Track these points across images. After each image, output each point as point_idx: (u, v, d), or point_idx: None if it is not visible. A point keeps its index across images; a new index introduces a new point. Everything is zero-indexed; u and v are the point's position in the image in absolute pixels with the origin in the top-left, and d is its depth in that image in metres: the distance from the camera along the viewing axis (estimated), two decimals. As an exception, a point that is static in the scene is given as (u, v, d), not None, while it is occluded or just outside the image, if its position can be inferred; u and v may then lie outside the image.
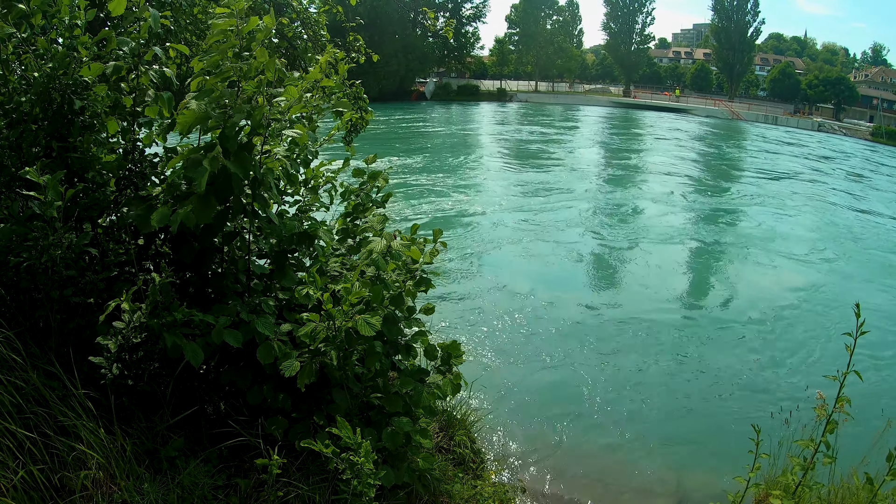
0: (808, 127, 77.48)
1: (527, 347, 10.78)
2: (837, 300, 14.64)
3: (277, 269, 4.22)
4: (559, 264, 15.92)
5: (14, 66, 3.77)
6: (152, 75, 3.85)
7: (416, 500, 4.35)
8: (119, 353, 3.39)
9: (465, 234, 18.30)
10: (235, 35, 3.43)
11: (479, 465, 5.90)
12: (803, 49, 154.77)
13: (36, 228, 3.33)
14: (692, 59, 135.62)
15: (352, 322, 3.57)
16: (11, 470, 2.88)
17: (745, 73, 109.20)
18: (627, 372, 10.11)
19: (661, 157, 40.47)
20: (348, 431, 3.24)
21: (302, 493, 3.60)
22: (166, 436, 3.67)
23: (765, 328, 12.55)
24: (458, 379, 4.56)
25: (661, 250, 17.84)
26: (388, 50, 72.44)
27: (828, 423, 4.40)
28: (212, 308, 3.61)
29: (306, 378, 3.51)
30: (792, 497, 4.52)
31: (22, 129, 3.62)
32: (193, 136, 3.82)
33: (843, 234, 22.51)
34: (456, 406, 6.46)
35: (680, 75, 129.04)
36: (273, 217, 3.99)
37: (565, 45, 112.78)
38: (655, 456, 7.75)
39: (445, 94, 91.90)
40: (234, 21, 3.41)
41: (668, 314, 12.94)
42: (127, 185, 4.04)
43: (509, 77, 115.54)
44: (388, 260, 3.86)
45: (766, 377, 10.26)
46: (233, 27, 3.41)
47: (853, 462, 5.09)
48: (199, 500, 3.38)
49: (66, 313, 3.61)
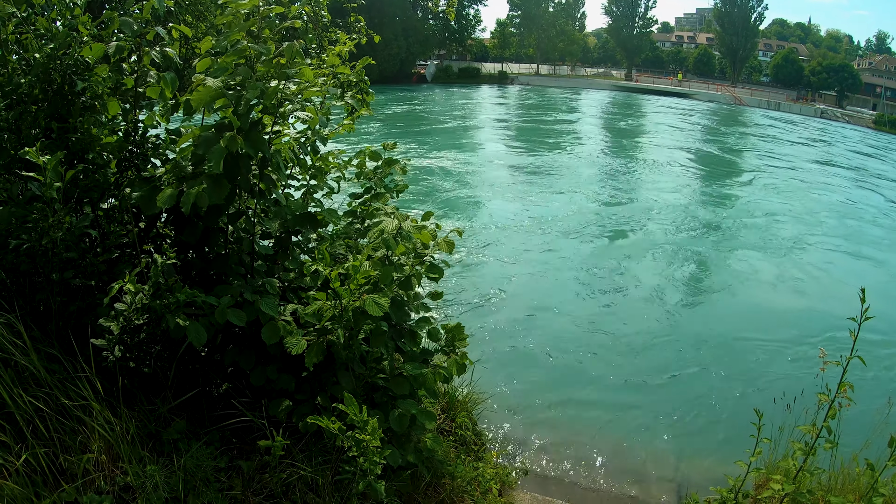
0: (810, 114, 77.15)
1: (528, 331, 10.77)
2: (842, 284, 14.65)
3: (282, 250, 4.20)
4: (562, 249, 15.86)
5: (13, 48, 3.74)
6: (155, 56, 3.80)
7: (420, 481, 4.37)
8: (121, 335, 3.39)
9: (466, 217, 18.26)
10: (249, 15, 3.42)
11: (481, 448, 5.91)
12: (807, 35, 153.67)
13: (36, 210, 3.30)
14: (695, 44, 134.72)
15: (359, 301, 3.55)
16: (14, 453, 2.88)
17: (748, 58, 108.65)
18: (629, 356, 10.11)
19: (663, 140, 40.40)
20: (355, 409, 3.24)
21: (305, 474, 3.60)
22: (168, 418, 3.67)
23: (767, 312, 12.55)
24: (464, 359, 4.54)
25: (663, 234, 17.80)
26: (389, 32, 72.13)
27: (829, 409, 4.40)
28: (215, 289, 3.59)
29: (314, 357, 3.48)
30: (792, 482, 4.53)
31: (21, 110, 3.58)
32: (197, 117, 3.80)
33: (849, 218, 22.48)
34: (458, 388, 6.47)
35: (682, 59, 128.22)
36: (280, 198, 3.97)
37: (567, 27, 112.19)
38: (656, 439, 7.77)
39: (446, 77, 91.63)
40: (257, 1, 3.41)
41: (669, 298, 12.93)
42: (128, 167, 4.00)
43: (510, 60, 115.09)
44: (399, 241, 3.84)
45: (768, 362, 10.26)
46: (249, 9, 3.41)
47: (855, 447, 5.09)
48: (201, 482, 3.38)
49: (67, 296, 3.59)
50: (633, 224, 18.78)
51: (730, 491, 4.87)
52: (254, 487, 3.54)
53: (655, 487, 6.64)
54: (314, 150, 4.34)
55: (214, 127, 3.41)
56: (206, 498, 3.31)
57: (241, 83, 3.34)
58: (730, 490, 4.88)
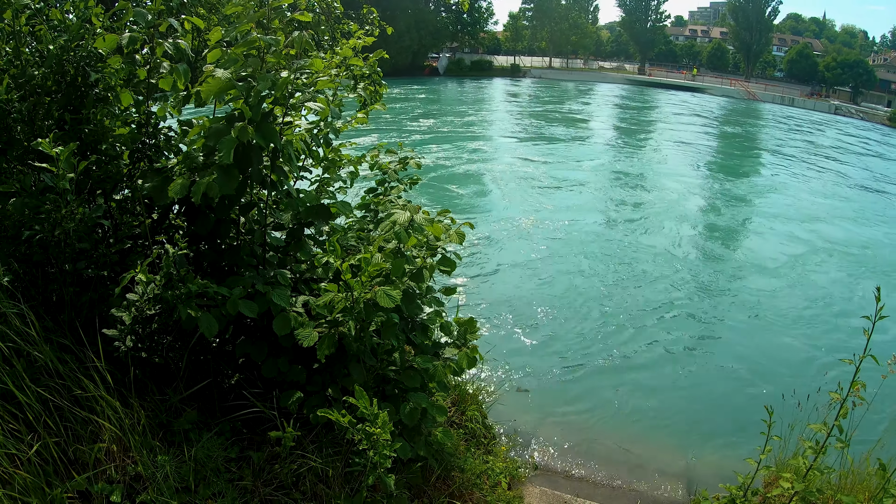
0: (824, 109, 76.24)
1: (539, 325, 10.77)
2: (858, 282, 14.54)
3: (294, 241, 4.20)
4: (574, 244, 15.80)
5: (27, 40, 3.74)
6: (167, 47, 3.80)
7: (429, 473, 4.37)
8: (133, 326, 3.40)
9: (478, 210, 18.23)
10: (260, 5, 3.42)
11: (491, 441, 5.92)
12: (822, 30, 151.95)
13: (49, 201, 3.31)
14: (708, 38, 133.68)
15: (371, 293, 3.54)
16: (26, 443, 2.90)
17: (762, 53, 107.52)
18: (639, 351, 10.10)
19: (677, 135, 40.13)
20: (365, 402, 3.23)
21: (315, 465, 3.61)
22: (179, 408, 3.68)
23: (780, 309, 12.47)
24: (475, 352, 4.53)
25: (676, 230, 17.68)
26: (401, 25, 72.03)
27: (841, 407, 4.37)
28: (227, 280, 3.60)
29: (326, 349, 3.48)
30: (802, 480, 4.51)
31: (34, 101, 3.59)
32: (207, 109, 3.80)
33: (872, 217, 22.22)
34: (468, 381, 6.47)
35: (696, 54, 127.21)
36: (292, 189, 3.97)
37: (580, 21, 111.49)
38: (666, 436, 7.76)
39: (458, 70, 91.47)
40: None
41: (682, 293, 12.88)
42: (141, 158, 4.01)
43: (523, 53, 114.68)
44: (411, 233, 3.82)
45: (779, 359, 10.21)
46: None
47: (866, 447, 5.06)
48: (212, 472, 3.40)
49: (80, 287, 3.61)
50: (646, 219, 18.68)
51: (739, 488, 4.85)
52: (264, 478, 3.56)
53: (664, 484, 6.63)
54: (326, 142, 4.33)
55: (225, 118, 3.40)
56: (216, 488, 3.33)
57: (252, 74, 3.33)
58: (739, 487, 4.86)
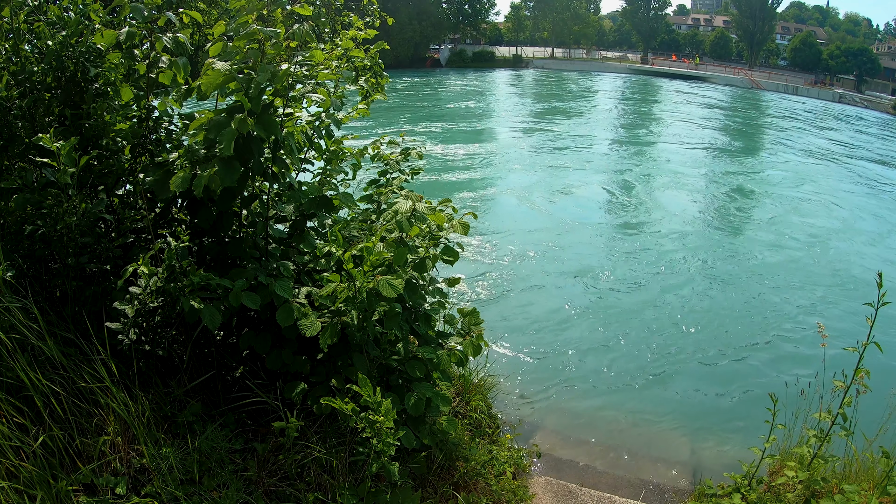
0: (828, 98, 75.86)
1: (543, 315, 10.78)
2: (861, 269, 14.50)
3: (297, 233, 4.20)
4: (576, 233, 15.79)
5: (26, 36, 3.75)
6: (166, 41, 3.80)
7: (434, 463, 4.38)
8: (136, 319, 3.41)
9: (481, 200, 18.23)
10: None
11: (495, 431, 5.94)
12: (825, 18, 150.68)
13: (50, 196, 3.32)
14: (711, 27, 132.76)
15: (373, 283, 3.53)
16: (32, 435, 2.92)
17: (765, 41, 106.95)
18: (644, 340, 10.10)
19: (680, 123, 40.05)
20: (369, 390, 3.24)
21: (319, 456, 3.62)
22: (184, 400, 3.70)
23: (783, 297, 12.45)
24: (480, 339, 4.53)
25: (681, 220, 17.66)
26: (403, 16, 71.91)
27: (845, 395, 4.37)
28: (230, 272, 3.61)
29: (329, 338, 3.47)
30: (806, 469, 4.51)
31: (35, 97, 3.60)
32: (209, 102, 3.79)
33: (870, 203, 22.17)
34: (472, 371, 6.48)
35: (699, 42, 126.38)
36: (294, 181, 3.97)
37: (582, 10, 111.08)
38: (670, 424, 7.77)
39: (460, 61, 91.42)
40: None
41: (685, 282, 12.88)
42: (142, 153, 4.02)
43: (525, 43, 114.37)
44: (413, 222, 3.82)
45: (783, 347, 10.20)
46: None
47: (870, 435, 5.05)
48: (216, 463, 3.41)
49: (83, 281, 3.63)
50: (652, 210, 18.64)
51: (744, 477, 4.87)
52: (268, 469, 3.58)
53: (669, 472, 6.64)
54: (328, 133, 4.32)
55: (226, 110, 3.40)
56: (221, 479, 3.35)
57: (252, 66, 3.33)
58: (744, 476, 4.87)
